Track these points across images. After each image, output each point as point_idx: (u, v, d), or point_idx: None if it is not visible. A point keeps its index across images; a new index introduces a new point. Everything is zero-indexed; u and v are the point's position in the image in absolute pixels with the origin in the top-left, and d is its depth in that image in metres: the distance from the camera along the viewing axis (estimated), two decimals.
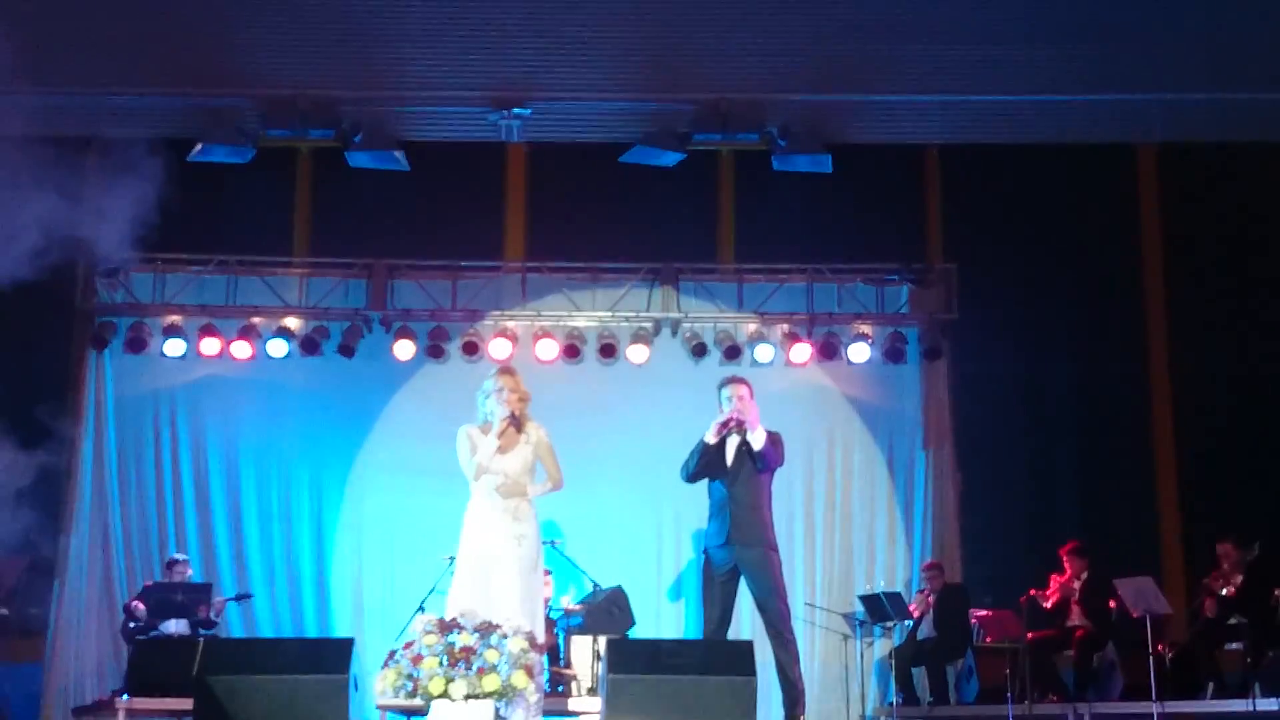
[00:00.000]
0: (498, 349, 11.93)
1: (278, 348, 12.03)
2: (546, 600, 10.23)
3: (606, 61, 11.94)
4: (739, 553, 7.61)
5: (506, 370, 7.34)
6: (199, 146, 12.00)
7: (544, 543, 10.85)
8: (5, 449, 9.99)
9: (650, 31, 11.63)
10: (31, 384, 11.15)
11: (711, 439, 7.70)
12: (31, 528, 10.52)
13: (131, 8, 11.28)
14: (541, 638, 6.92)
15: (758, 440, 7.63)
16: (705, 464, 7.75)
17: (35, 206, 9.17)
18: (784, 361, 12.24)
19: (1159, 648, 9.77)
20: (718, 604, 7.69)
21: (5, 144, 8.90)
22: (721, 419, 7.71)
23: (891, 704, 11.05)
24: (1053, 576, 10.84)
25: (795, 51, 11.73)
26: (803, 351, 12.19)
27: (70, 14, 11.05)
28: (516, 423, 7.11)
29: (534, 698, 6.41)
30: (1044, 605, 10.67)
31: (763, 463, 7.70)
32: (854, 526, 12.20)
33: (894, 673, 11.11)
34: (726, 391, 7.81)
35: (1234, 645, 10.00)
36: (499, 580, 6.91)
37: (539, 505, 7.33)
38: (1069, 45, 11.56)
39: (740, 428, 7.73)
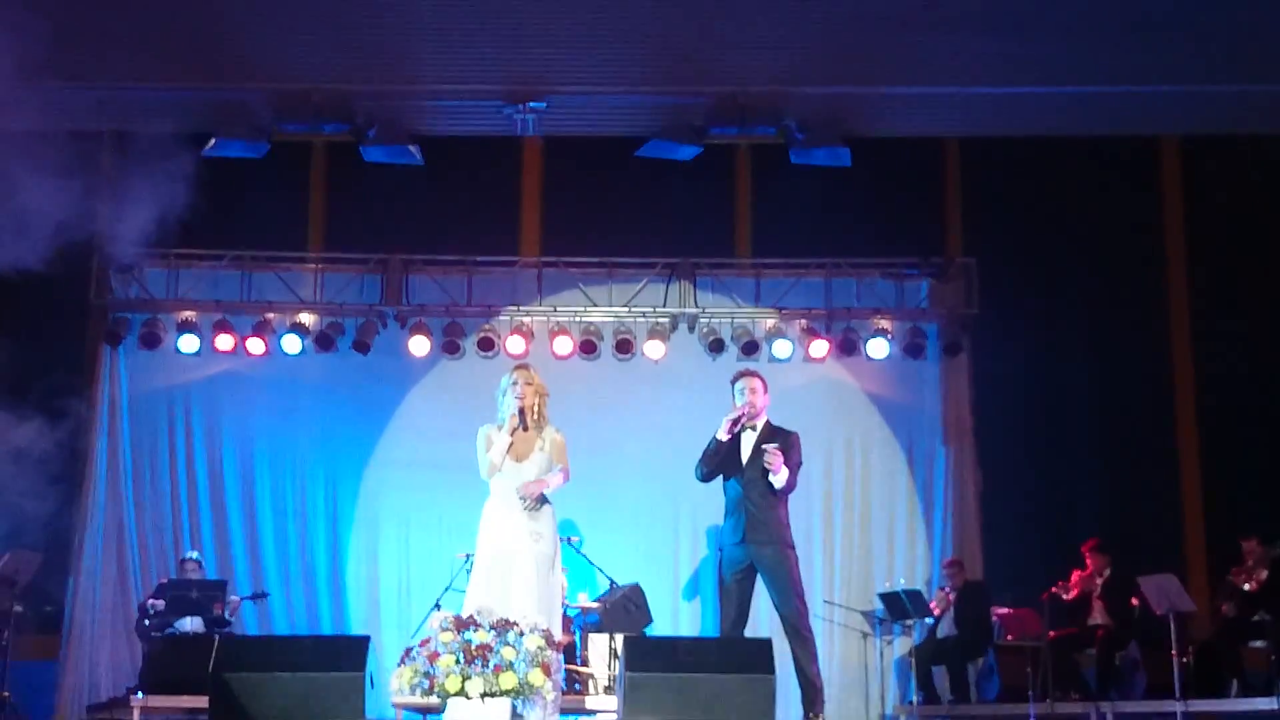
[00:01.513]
0: (514, 345, 11.89)
1: (292, 343, 12.00)
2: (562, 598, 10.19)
3: (622, 55, 11.85)
4: (755, 551, 7.55)
5: (521, 366, 7.37)
6: (213, 141, 11.95)
7: (560, 540, 10.85)
8: (19, 445, 9.97)
9: (666, 24, 11.54)
10: (45, 380, 11.08)
11: (723, 436, 7.64)
12: (46, 525, 10.49)
13: (145, 3, 11.23)
14: (559, 635, 6.86)
15: (779, 480, 7.55)
16: (719, 462, 7.69)
17: (49, 201, 9.13)
18: (802, 357, 12.17)
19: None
20: (734, 602, 7.63)
21: (17, 138, 8.87)
22: (733, 415, 7.65)
23: (912, 702, 10.99)
24: (1074, 570, 10.75)
25: (813, 44, 11.62)
26: (821, 347, 12.11)
27: (82, 9, 10.98)
28: (524, 419, 7.06)
29: (551, 696, 6.36)
30: (1065, 597, 10.58)
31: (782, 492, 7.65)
32: (873, 524, 12.12)
33: (914, 671, 11.05)
34: (739, 385, 7.78)
35: (1258, 643, 9.90)
36: (517, 578, 6.88)
37: (556, 503, 7.28)
38: (1090, 37, 11.42)
39: (753, 422, 7.68)
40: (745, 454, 7.68)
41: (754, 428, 7.70)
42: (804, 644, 7.46)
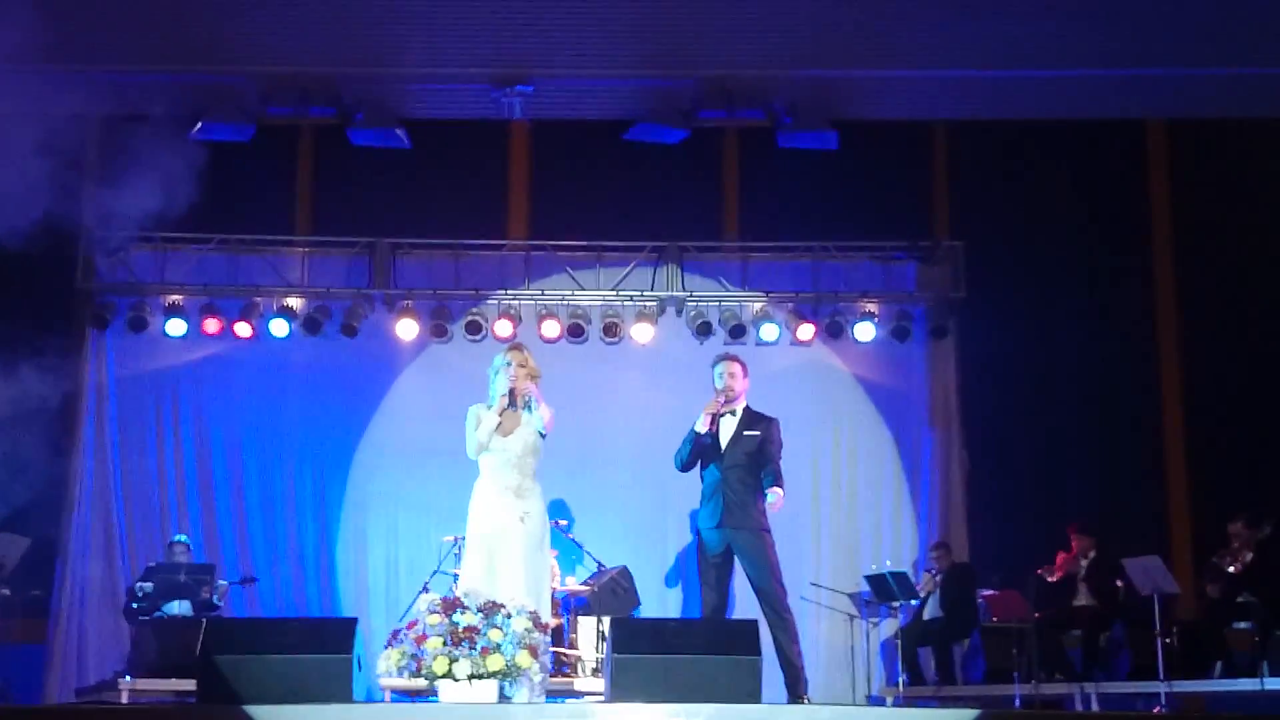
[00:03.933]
0: (501, 328, 11.90)
1: (280, 327, 11.99)
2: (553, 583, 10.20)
3: (610, 37, 11.84)
4: (731, 535, 7.60)
5: (516, 347, 7.34)
6: (200, 124, 11.91)
7: (550, 523, 10.85)
8: (6, 429, 9.95)
9: (654, 7, 11.54)
10: (32, 364, 11.07)
11: (702, 428, 7.67)
12: (34, 509, 10.48)
13: None
14: (547, 617, 6.88)
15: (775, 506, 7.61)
16: (699, 451, 7.72)
17: (35, 184, 9.10)
18: (790, 340, 12.18)
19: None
20: (714, 586, 7.69)
21: (4, 121, 8.84)
22: (711, 410, 7.68)
23: (897, 684, 11.02)
24: (1060, 553, 10.79)
25: (801, 27, 11.62)
26: (808, 330, 12.12)
27: None
28: (515, 399, 7.07)
29: (538, 677, 6.39)
30: (1049, 579, 10.62)
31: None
32: (860, 506, 12.15)
33: (900, 653, 11.09)
34: (719, 369, 7.80)
35: (1243, 625, 9.95)
36: (504, 558, 6.88)
37: (545, 484, 7.28)
38: (1077, 20, 11.44)
39: (732, 407, 7.70)
40: (725, 440, 7.71)
41: (734, 413, 7.73)
42: (784, 626, 7.50)
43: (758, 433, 7.68)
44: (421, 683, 6.42)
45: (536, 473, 7.14)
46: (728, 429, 7.71)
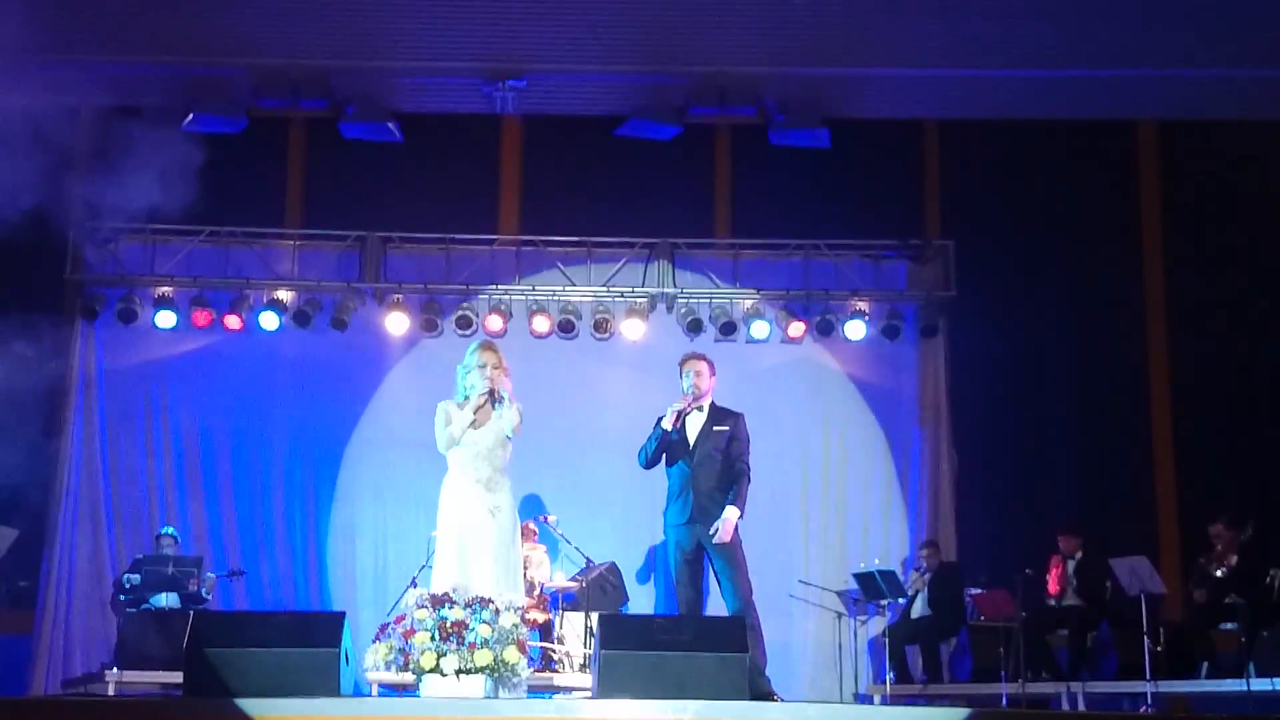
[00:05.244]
0: (492, 324, 11.89)
1: (269, 320, 11.96)
2: (537, 578, 10.19)
3: (603, 33, 11.82)
4: (701, 532, 7.62)
5: (488, 346, 7.29)
6: (191, 116, 11.89)
7: (538, 519, 10.85)
8: None
9: (648, 4, 11.53)
10: (20, 355, 11.06)
11: (669, 426, 7.68)
12: (21, 500, 10.46)
13: None
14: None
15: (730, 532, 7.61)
16: (665, 448, 7.74)
17: (25, 175, 9.08)
18: (780, 338, 12.19)
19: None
20: (688, 583, 7.72)
21: None
22: (678, 407, 7.69)
23: (885, 682, 11.03)
24: (1053, 563, 10.77)
25: (793, 25, 11.62)
26: (799, 328, 12.13)
27: None
28: (494, 396, 7.06)
29: (525, 673, 6.39)
30: (1047, 591, 10.63)
31: None
32: (849, 504, 12.15)
33: (888, 651, 11.10)
34: (686, 369, 7.83)
35: (1229, 625, 9.98)
36: (475, 554, 6.85)
37: (531, 479, 7.27)
38: (1070, 20, 11.45)
39: (699, 403, 7.72)
40: (692, 437, 7.73)
41: (700, 408, 7.76)
42: (752, 624, 7.49)
43: (726, 428, 7.72)
44: (409, 677, 6.42)
45: (506, 467, 7.10)
46: (695, 425, 7.74)
